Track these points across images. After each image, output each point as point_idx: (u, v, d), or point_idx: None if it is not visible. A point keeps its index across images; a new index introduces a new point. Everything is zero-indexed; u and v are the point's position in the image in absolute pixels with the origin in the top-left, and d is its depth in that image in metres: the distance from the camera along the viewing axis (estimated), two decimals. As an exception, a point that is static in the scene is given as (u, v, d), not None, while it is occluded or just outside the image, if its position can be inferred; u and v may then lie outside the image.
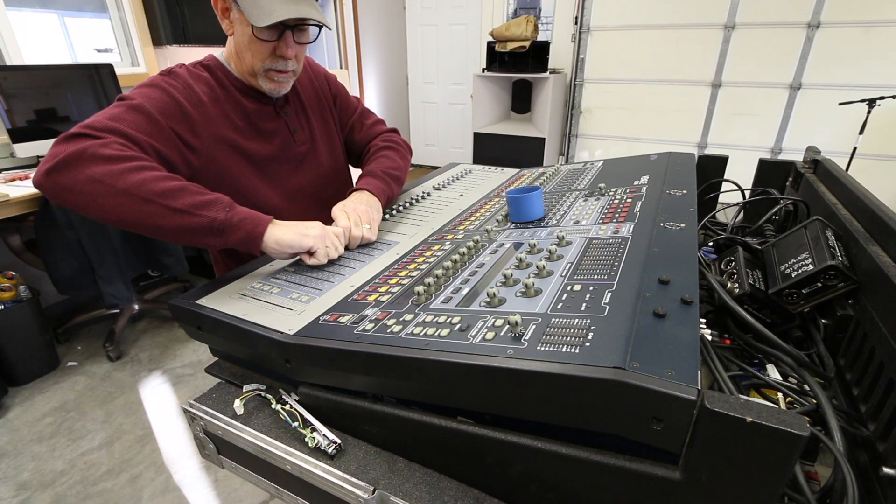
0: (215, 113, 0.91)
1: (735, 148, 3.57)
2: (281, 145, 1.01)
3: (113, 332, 2.25)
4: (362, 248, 0.87)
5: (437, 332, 0.53)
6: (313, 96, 1.11)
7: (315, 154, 1.08)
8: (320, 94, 1.13)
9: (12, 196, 1.76)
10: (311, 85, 1.11)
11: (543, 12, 4.19)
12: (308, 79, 1.11)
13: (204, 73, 0.94)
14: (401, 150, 1.17)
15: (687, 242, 0.65)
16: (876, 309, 0.58)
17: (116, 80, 2.37)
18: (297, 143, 1.03)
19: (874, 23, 3.03)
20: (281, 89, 0.96)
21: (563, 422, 0.45)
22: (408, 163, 1.18)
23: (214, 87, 0.93)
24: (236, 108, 0.95)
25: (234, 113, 0.95)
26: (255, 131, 0.98)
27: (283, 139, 1.02)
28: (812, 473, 0.51)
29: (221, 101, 0.93)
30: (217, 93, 0.93)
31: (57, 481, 1.56)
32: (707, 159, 1.13)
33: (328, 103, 1.14)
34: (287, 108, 1.03)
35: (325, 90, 1.14)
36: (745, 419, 0.35)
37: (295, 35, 0.90)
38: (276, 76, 0.93)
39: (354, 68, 4.40)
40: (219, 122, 0.92)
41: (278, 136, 1.01)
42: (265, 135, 0.99)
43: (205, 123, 0.89)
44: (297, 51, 0.92)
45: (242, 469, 0.70)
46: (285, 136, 1.02)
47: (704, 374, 0.59)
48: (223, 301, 0.71)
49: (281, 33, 0.89)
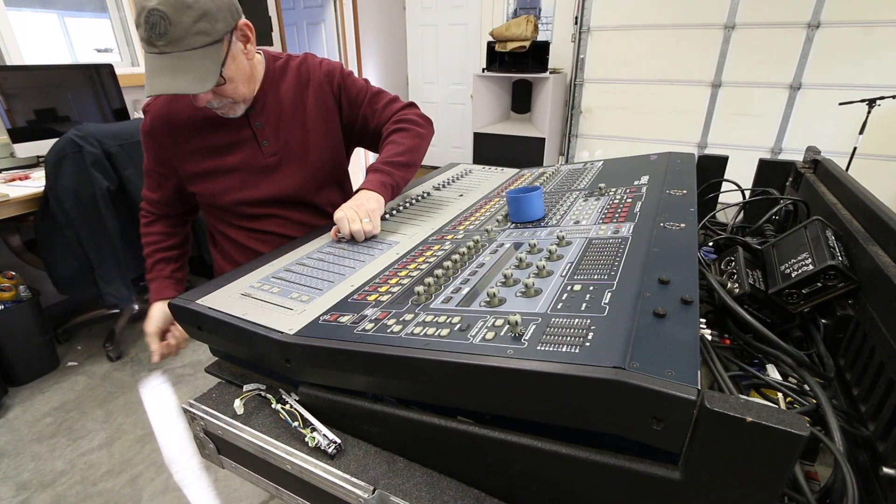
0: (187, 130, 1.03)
1: (735, 148, 3.57)
2: (248, 156, 1.06)
3: (113, 332, 2.25)
4: (364, 244, 0.87)
5: (437, 331, 0.53)
6: (301, 105, 1.09)
7: (288, 163, 1.08)
8: (318, 98, 1.10)
9: (12, 196, 1.76)
10: (300, 90, 1.09)
11: (543, 12, 4.19)
12: (297, 84, 1.09)
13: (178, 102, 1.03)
14: (411, 129, 1.11)
15: (687, 242, 0.65)
16: (876, 309, 0.58)
17: (116, 80, 2.37)
18: (264, 154, 1.06)
19: (874, 23, 3.03)
20: (231, 114, 1.00)
21: (564, 422, 0.45)
22: (421, 139, 1.11)
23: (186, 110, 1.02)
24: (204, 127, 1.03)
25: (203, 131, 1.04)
26: (224, 144, 1.05)
27: (251, 150, 1.06)
28: (812, 473, 0.51)
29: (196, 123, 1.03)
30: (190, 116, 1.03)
31: (57, 481, 1.56)
32: (707, 159, 1.13)
33: (329, 105, 1.12)
34: (260, 121, 1.05)
35: (326, 91, 1.11)
36: (745, 419, 0.35)
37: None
38: (217, 111, 0.98)
39: (354, 68, 4.40)
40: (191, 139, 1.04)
41: (247, 147, 1.05)
42: (232, 146, 1.05)
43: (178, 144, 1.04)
44: (211, 95, 0.91)
45: (242, 469, 0.70)
46: (253, 148, 1.06)
47: (704, 374, 0.59)
48: (223, 301, 0.71)
49: None
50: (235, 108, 0.99)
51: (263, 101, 1.05)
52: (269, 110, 1.06)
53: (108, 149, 1.84)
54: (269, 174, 1.07)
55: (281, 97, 1.07)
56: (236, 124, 1.04)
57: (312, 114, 1.09)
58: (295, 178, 1.09)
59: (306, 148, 1.09)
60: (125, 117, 2.43)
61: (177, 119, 1.02)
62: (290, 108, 1.07)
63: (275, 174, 1.08)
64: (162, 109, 1.03)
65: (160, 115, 1.03)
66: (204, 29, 0.82)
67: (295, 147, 1.08)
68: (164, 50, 0.81)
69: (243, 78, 0.96)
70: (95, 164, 1.79)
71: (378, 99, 1.15)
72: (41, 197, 1.81)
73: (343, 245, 0.88)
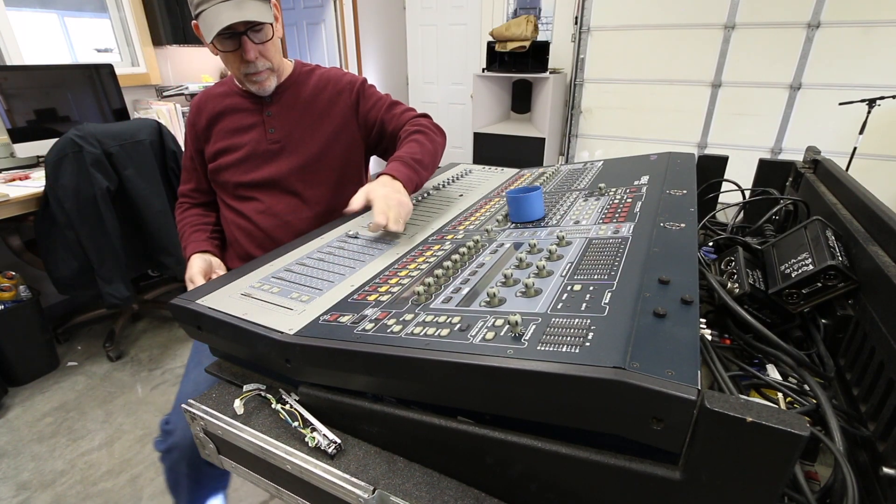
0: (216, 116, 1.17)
1: (735, 148, 3.57)
2: (255, 139, 1.15)
3: (113, 332, 2.25)
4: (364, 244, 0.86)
5: (437, 331, 0.53)
6: (316, 104, 1.17)
7: (289, 152, 1.15)
8: (334, 101, 1.18)
9: (12, 196, 1.76)
10: (319, 93, 1.18)
11: (543, 12, 4.19)
12: (316, 87, 1.18)
13: (218, 90, 1.19)
14: (429, 135, 1.16)
15: (687, 242, 0.65)
16: (876, 309, 0.58)
17: (116, 80, 2.37)
18: (268, 140, 1.15)
19: (874, 23, 3.03)
20: (264, 88, 1.10)
21: (564, 422, 0.45)
22: (438, 145, 1.18)
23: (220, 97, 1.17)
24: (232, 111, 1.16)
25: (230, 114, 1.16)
26: (239, 127, 1.16)
27: (258, 135, 1.15)
28: (812, 473, 0.51)
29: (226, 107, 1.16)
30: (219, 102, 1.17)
31: (57, 481, 1.56)
32: (707, 159, 1.13)
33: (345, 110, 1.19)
34: (270, 109, 1.15)
35: (345, 96, 1.19)
36: (745, 419, 0.35)
37: (252, 37, 1.02)
38: (253, 78, 1.08)
39: (354, 68, 4.40)
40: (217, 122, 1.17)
41: (255, 130, 1.15)
42: (245, 129, 1.16)
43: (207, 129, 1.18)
44: (258, 51, 1.05)
45: (242, 469, 0.70)
46: (260, 132, 1.15)
47: (704, 374, 0.59)
48: (223, 301, 0.71)
49: (239, 42, 1.01)
50: (271, 79, 1.11)
51: (281, 94, 1.16)
52: (284, 102, 1.16)
53: (108, 149, 1.84)
54: (270, 160, 1.15)
55: (298, 94, 1.17)
56: (253, 110, 1.15)
57: (325, 113, 1.18)
58: (288, 164, 1.15)
59: (307, 141, 1.16)
60: (125, 117, 2.44)
61: (211, 107, 1.17)
62: (304, 105, 1.17)
63: (274, 161, 1.15)
64: (202, 99, 1.19)
65: (199, 103, 1.19)
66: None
67: (296, 138, 1.16)
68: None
69: (279, 46, 1.10)
70: (95, 164, 1.79)
71: (396, 106, 1.24)
72: (41, 197, 1.81)
73: (343, 245, 0.88)
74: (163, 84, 2.85)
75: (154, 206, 2.01)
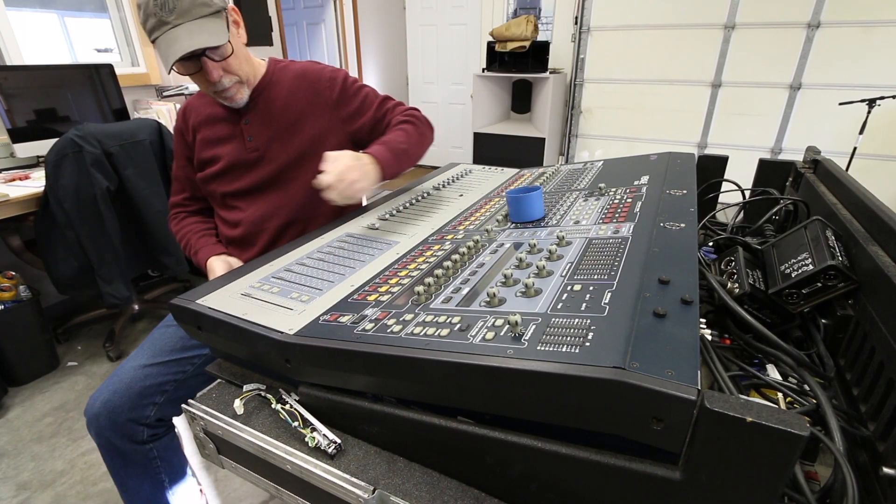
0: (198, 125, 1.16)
1: (735, 148, 3.57)
2: (235, 149, 1.14)
3: (113, 332, 2.25)
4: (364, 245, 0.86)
5: (437, 331, 0.53)
6: (293, 105, 1.13)
7: (269, 160, 1.13)
8: (313, 100, 1.14)
9: (12, 196, 1.76)
10: (295, 93, 1.14)
11: (543, 12, 4.19)
12: (292, 87, 1.14)
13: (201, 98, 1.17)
14: (418, 126, 1.16)
15: (687, 242, 0.65)
16: (876, 309, 0.58)
17: (116, 80, 2.37)
18: (247, 149, 1.13)
19: (874, 23, 3.03)
20: (236, 101, 1.08)
21: (563, 422, 0.45)
22: (425, 137, 1.18)
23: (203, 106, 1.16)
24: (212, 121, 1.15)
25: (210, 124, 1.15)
26: (220, 137, 1.14)
27: (238, 145, 1.14)
28: (812, 473, 0.51)
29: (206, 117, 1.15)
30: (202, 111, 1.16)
31: (57, 481, 1.56)
32: (707, 159, 1.13)
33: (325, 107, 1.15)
34: (247, 118, 1.13)
35: (325, 94, 1.15)
36: (744, 419, 0.35)
37: (212, 56, 0.98)
38: (222, 95, 1.06)
39: (354, 68, 4.40)
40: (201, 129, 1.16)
41: (234, 140, 1.14)
42: (225, 140, 1.15)
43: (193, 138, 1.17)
44: (221, 68, 1.01)
45: (242, 469, 0.70)
46: (239, 142, 1.14)
47: (704, 374, 0.59)
48: (223, 301, 0.71)
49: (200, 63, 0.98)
50: (241, 91, 1.07)
51: (257, 100, 1.12)
52: (260, 108, 1.13)
53: (108, 149, 1.84)
54: (250, 168, 1.14)
55: (273, 96, 1.13)
56: (231, 120, 1.13)
57: (303, 116, 1.14)
58: (269, 170, 1.14)
59: (287, 145, 1.13)
60: (125, 117, 2.43)
61: (195, 116, 1.16)
62: (280, 109, 1.13)
63: (255, 168, 1.14)
64: (187, 107, 1.18)
65: (185, 111, 1.18)
66: (205, 1, 0.94)
67: (276, 145, 1.13)
68: (177, 22, 0.92)
69: (243, 55, 1.06)
70: (95, 164, 1.79)
71: (386, 102, 1.22)
72: (41, 197, 1.81)
73: (343, 245, 0.88)
74: (163, 84, 2.85)
75: (154, 206, 2.01)
